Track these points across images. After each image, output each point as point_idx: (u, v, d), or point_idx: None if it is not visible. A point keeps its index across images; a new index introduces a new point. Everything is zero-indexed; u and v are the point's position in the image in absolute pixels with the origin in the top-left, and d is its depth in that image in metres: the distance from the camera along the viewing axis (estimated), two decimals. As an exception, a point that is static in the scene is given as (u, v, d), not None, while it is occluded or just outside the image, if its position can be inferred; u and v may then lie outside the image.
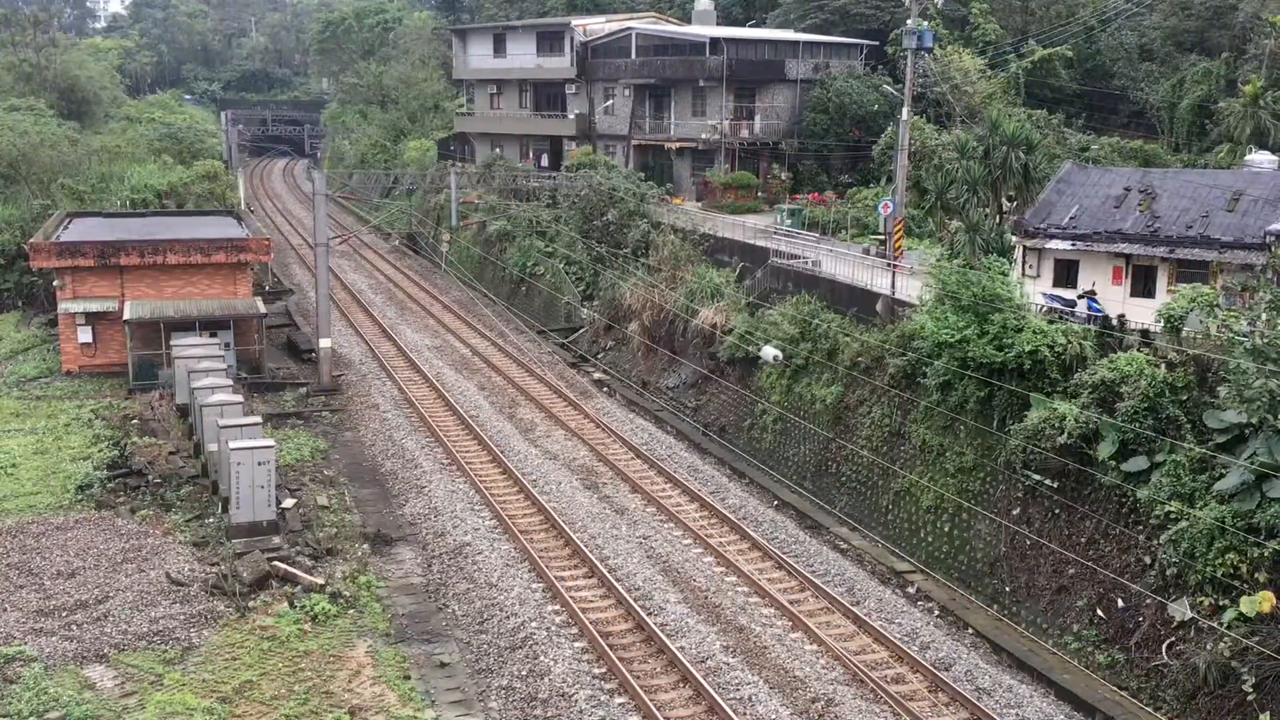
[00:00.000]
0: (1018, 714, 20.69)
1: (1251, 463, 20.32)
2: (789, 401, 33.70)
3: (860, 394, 31.18)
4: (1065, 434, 23.68)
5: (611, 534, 28.62)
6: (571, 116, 66.78)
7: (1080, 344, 25.68)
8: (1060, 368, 25.58)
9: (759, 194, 55.73)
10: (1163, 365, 23.34)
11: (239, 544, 26.74)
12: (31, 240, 43.63)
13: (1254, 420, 20.82)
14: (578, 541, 27.54)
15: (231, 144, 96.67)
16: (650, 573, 26.37)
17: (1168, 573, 21.26)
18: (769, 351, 33.59)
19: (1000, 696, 21.18)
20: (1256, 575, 19.76)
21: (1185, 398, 22.73)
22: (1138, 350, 24.41)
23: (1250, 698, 18.90)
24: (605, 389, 42.36)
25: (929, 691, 21.26)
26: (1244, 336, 21.83)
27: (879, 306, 32.81)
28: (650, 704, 20.39)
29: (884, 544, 28.26)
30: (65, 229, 47.26)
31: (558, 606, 24.64)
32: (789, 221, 46.32)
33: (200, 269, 43.34)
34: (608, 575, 25.72)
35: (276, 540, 27.10)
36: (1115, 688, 21.19)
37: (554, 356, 46.43)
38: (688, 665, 21.71)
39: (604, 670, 21.99)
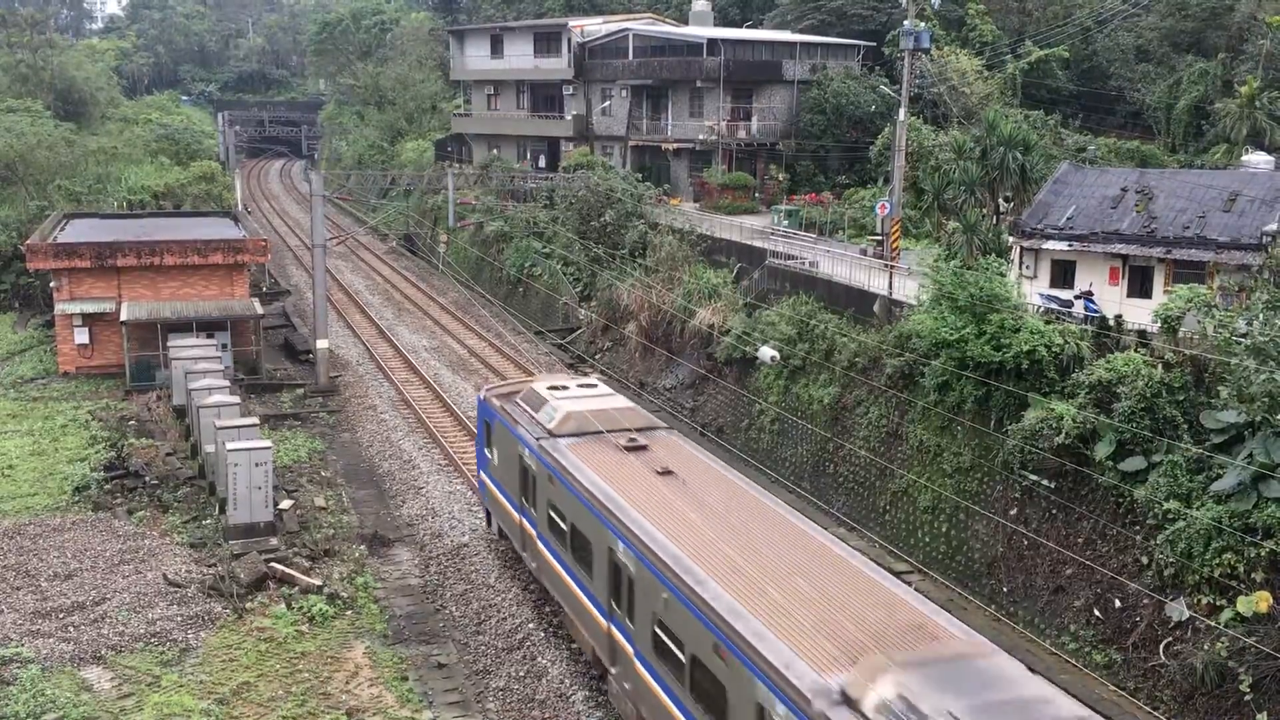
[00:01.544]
0: (1015, 714, 20.68)
1: (1248, 463, 20.34)
2: (786, 402, 33.70)
3: (858, 394, 31.19)
4: (1062, 434, 23.69)
5: (609, 535, 28.63)
6: (569, 117, 66.79)
7: (1077, 344, 25.70)
8: (1057, 368, 25.61)
9: (756, 195, 55.75)
10: (1160, 365, 23.36)
11: (236, 545, 26.71)
12: (28, 241, 43.60)
13: (1254, 419, 20.84)
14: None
15: (228, 145, 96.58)
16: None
17: (1165, 573, 21.27)
18: (766, 352, 33.61)
19: (998, 697, 21.17)
20: (1253, 575, 19.77)
21: (1182, 398, 22.74)
22: (1135, 350, 24.43)
23: (1247, 697, 18.91)
24: (603, 390, 42.31)
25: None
26: (1241, 336, 21.84)
27: (876, 307, 32.82)
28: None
29: (882, 544, 28.27)
30: (62, 230, 47.23)
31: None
32: (786, 222, 46.34)
33: (197, 270, 43.32)
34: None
35: (274, 541, 27.07)
36: (1113, 687, 21.21)
37: (551, 357, 46.42)
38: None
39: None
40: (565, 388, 25.45)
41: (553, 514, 22.27)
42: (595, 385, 26.18)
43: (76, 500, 30.01)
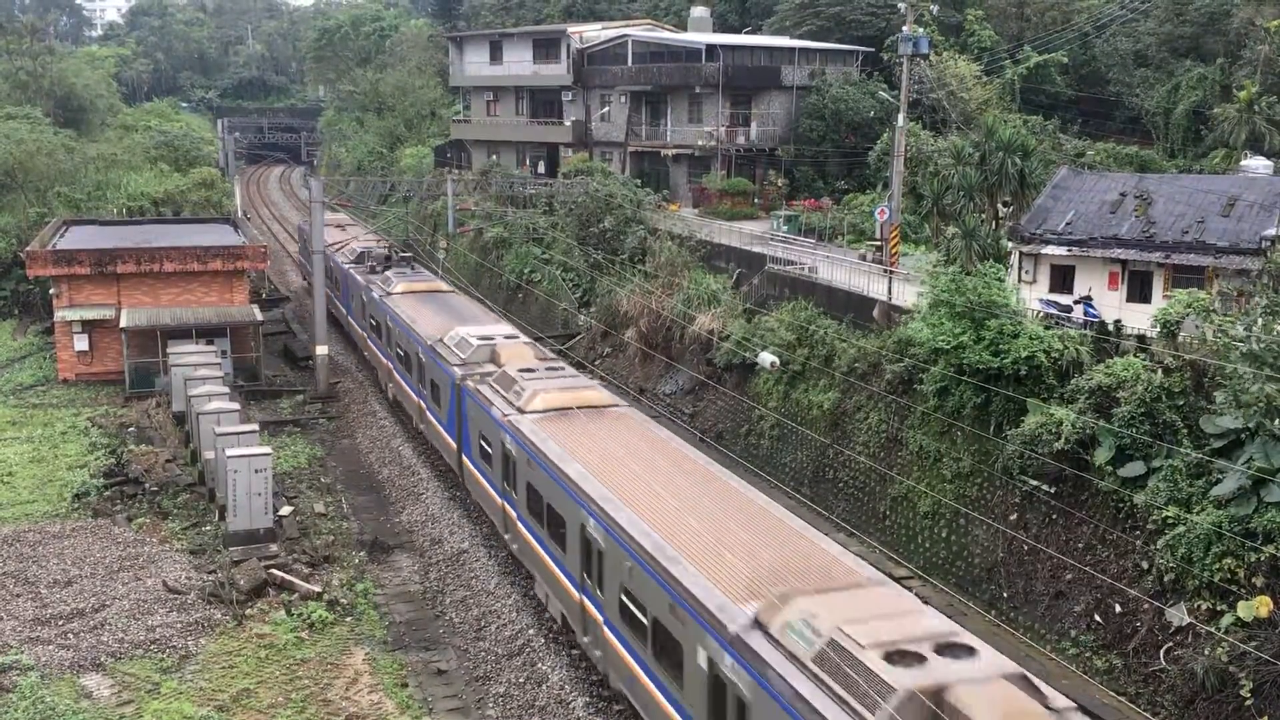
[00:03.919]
0: None
1: (1248, 468, 20.33)
2: (786, 407, 33.69)
3: (857, 400, 31.19)
4: (1062, 439, 23.67)
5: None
6: (568, 123, 66.83)
7: (1076, 349, 25.70)
8: (1057, 373, 25.60)
9: (755, 200, 55.76)
10: (1159, 370, 23.36)
11: (236, 552, 26.71)
12: (28, 248, 43.65)
13: (1250, 425, 20.84)
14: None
15: (228, 151, 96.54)
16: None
17: (1165, 578, 21.26)
18: (766, 357, 33.61)
19: (998, 702, 21.13)
20: (1254, 580, 19.76)
21: (1182, 403, 22.74)
22: (1134, 355, 24.43)
23: (1248, 702, 18.88)
24: (602, 395, 42.29)
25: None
26: (1240, 341, 21.85)
27: (875, 312, 32.82)
28: None
29: (882, 549, 28.25)
30: (62, 237, 47.28)
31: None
32: (785, 227, 46.36)
33: (197, 276, 43.36)
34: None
35: (273, 548, 27.07)
36: (1113, 693, 21.19)
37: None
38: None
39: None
40: (342, 227, 58.53)
41: (337, 288, 49.03)
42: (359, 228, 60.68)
43: (76, 507, 30.03)
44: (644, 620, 17.19)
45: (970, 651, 13.51)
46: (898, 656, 12.90)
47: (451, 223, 57.77)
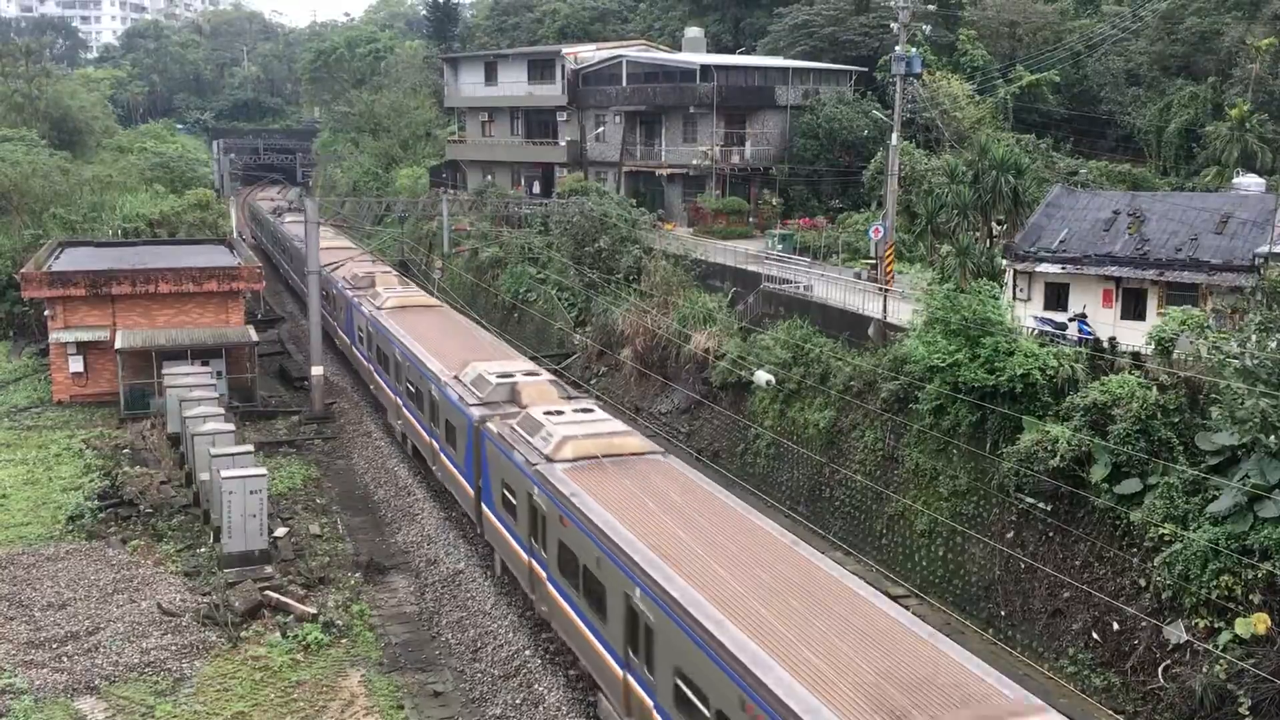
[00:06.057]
0: (1014, 739, 20.55)
1: (1244, 484, 20.34)
2: (782, 426, 33.69)
3: (853, 418, 31.19)
4: (1058, 457, 23.69)
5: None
6: (563, 143, 67.02)
7: (1072, 367, 25.74)
8: (1052, 391, 25.63)
9: (750, 219, 55.89)
10: (1154, 387, 23.39)
11: (231, 574, 26.62)
12: (23, 270, 43.63)
13: (1245, 441, 20.86)
14: (571, 568, 27.44)
15: (223, 172, 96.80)
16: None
17: (1162, 595, 21.24)
18: (761, 376, 33.61)
19: (997, 721, 21.05)
20: (1251, 597, 19.75)
21: (1177, 420, 22.77)
22: (1129, 373, 24.47)
23: (1246, 720, 18.86)
24: (598, 415, 42.23)
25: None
26: (1234, 358, 21.89)
27: (871, 330, 32.86)
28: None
29: (878, 568, 28.20)
30: (57, 258, 47.26)
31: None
32: (780, 246, 46.46)
33: (192, 297, 43.35)
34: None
35: (269, 569, 26.99)
36: (1112, 711, 21.13)
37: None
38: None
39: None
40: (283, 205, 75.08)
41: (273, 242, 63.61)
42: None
43: (70, 529, 29.93)
44: None
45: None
46: None
47: (447, 243, 57.83)
